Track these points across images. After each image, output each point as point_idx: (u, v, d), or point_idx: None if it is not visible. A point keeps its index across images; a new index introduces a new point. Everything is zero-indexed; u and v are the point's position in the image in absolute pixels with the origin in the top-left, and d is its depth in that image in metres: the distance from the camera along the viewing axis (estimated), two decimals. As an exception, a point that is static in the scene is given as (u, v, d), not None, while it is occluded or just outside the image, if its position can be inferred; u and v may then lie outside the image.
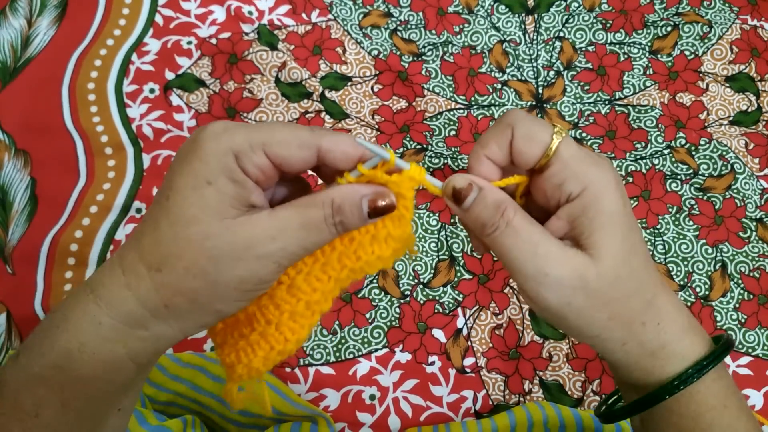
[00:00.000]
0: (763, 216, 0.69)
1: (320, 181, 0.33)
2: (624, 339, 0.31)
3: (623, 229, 0.30)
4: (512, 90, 0.74)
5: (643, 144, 0.72)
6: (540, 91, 0.75)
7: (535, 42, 0.77)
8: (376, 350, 0.63)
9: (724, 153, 0.72)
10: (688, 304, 0.65)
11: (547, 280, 0.29)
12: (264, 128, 0.28)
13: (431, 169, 0.70)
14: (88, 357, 0.28)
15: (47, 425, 0.28)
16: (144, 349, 0.29)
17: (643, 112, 0.74)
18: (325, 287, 0.31)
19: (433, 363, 0.62)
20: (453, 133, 0.72)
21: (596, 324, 0.30)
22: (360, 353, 0.62)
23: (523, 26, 0.78)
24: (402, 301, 0.64)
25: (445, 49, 0.76)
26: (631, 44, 0.77)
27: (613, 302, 0.30)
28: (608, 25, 0.78)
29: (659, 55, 0.76)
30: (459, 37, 0.77)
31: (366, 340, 0.63)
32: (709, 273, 0.67)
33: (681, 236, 0.68)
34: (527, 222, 0.30)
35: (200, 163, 0.27)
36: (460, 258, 0.66)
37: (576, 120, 0.73)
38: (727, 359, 0.63)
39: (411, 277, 0.65)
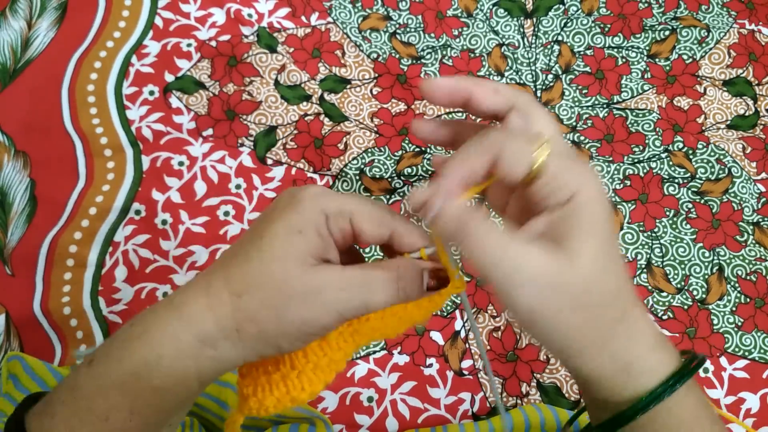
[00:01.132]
0: (760, 219, 0.69)
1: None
2: (596, 350, 0.30)
3: (604, 239, 0.29)
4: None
5: (641, 147, 0.72)
6: (538, 94, 0.75)
7: (533, 46, 0.77)
8: (374, 352, 0.63)
9: (722, 157, 0.72)
10: (685, 307, 0.66)
11: (522, 278, 0.28)
12: (353, 198, 0.32)
13: (429, 172, 0.70)
14: (163, 369, 0.30)
15: (115, 429, 0.30)
16: (210, 369, 0.31)
17: (641, 115, 0.74)
18: (348, 350, 0.34)
19: (430, 365, 0.63)
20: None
21: (569, 330, 0.30)
22: (358, 355, 0.63)
23: (521, 30, 0.78)
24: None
25: (444, 52, 0.76)
26: (630, 48, 0.77)
27: (588, 308, 0.29)
28: (606, 29, 0.78)
29: (657, 59, 0.77)
30: (458, 40, 0.77)
31: (364, 342, 0.63)
32: (706, 276, 0.67)
33: (678, 239, 0.68)
34: (491, 226, 0.29)
35: (296, 215, 0.31)
36: (458, 260, 0.66)
37: (574, 123, 0.74)
38: (724, 363, 0.64)
39: (409, 280, 0.65)
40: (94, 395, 0.30)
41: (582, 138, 0.73)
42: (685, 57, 0.77)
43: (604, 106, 0.75)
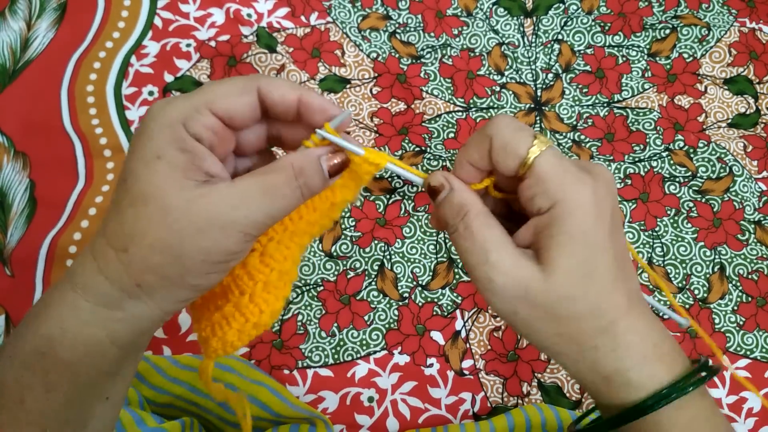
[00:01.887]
0: (762, 218, 0.69)
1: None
2: (575, 358, 0.30)
3: (585, 251, 0.29)
4: (511, 92, 0.75)
5: (642, 146, 0.72)
6: (538, 93, 0.75)
7: (533, 45, 0.77)
8: (375, 352, 0.63)
9: (723, 155, 0.72)
10: (687, 306, 0.65)
11: (493, 286, 0.29)
12: (203, 89, 0.29)
13: (429, 171, 0.70)
14: (69, 341, 0.28)
15: (33, 410, 0.28)
16: (123, 330, 0.29)
17: (641, 114, 0.74)
18: (295, 255, 0.32)
19: (431, 365, 0.62)
20: (452, 135, 0.72)
21: (545, 336, 0.30)
22: (358, 355, 0.62)
23: (521, 29, 0.78)
24: (400, 303, 0.64)
25: (444, 51, 0.76)
26: (630, 47, 0.77)
27: (562, 320, 0.29)
28: (607, 28, 0.78)
29: (658, 58, 0.77)
30: (458, 39, 0.77)
31: (364, 342, 0.63)
32: (708, 275, 0.67)
33: (679, 239, 0.68)
34: (486, 227, 0.30)
35: (148, 140, 0.27)
36: (458, 260, 0.66)
37: (574, 122, 0.73)
38: (726, 362, 0.64)
39: (409, 280, 0.65)
40: (5, 378, 0.28)
41: (582, 137, 0.73)
42: (685, 55, 0.76)
43: (605, 105, 0.75)
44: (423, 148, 0.71)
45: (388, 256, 0.66)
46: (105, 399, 0.31)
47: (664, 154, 0.72)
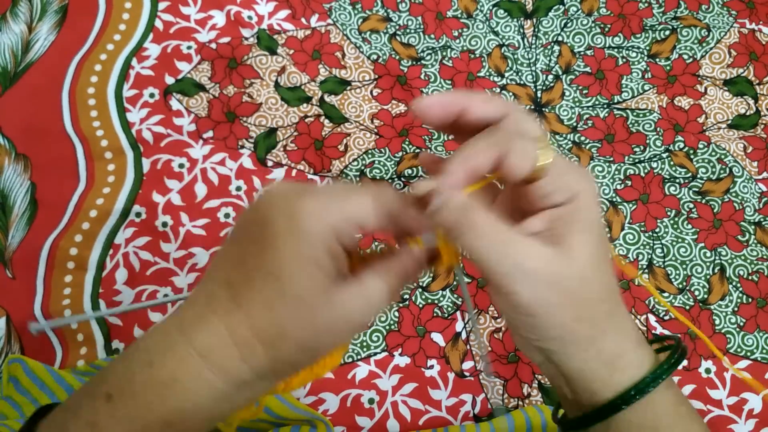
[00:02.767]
0: (762, 219, 0.69)
1: None
2: (585, 343, 0.32)
3: (599, 239, 0.31)
4: (511, 94, 0.75)
5: (642, 147, 0.72)
6: (539, 95, 0.75)
7: (533, 46, 0.77)
8: (375, 354, 0.63)
9: (723, 156, 0.72)
10: (687, 307, 0.65)
11: (522, 273, 0.29)
12: (355, 201, 0.31)
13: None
14: (200, 416, 0.30)
15: None
16: (243, 404, 0.31)
17: (641, 115, 0.74)
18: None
19: (432, 367, 0.62)
20: (452, 136, 0.72)
21: (564, 323, 0.31)
22: (359, 357, 0.62)
23: (521, 30, 0.78)
24: (401, 304, 0.64)
25: (444, 53, 0.76)
26: (630, 48, 0.77)
27: (582, 303, 0.31)
28: (607, 29, 0.78)
29: (658, 59, 0.77)
30: (458, 41, 0.77)
31: (365, 343, 0.63)
32: (708, 276, 0.67)
33: (680, 240, 0.68)
34: (494, 221, 0.30)
35: (307, 246, 0.29)
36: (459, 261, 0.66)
37: (575, 124, 0.74)
38: (726, 363, 0.64)
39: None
40: None
41: (583, 138, 0.73)
42: (685, 57, 0.77)
43: (605, 106, 0.75)
44: (423, 150, 0.71)
45: (388, 258, 0.66)
46: None
47: (664, 156, 0.72)
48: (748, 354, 0.64)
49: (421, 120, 0.34)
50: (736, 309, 0.65)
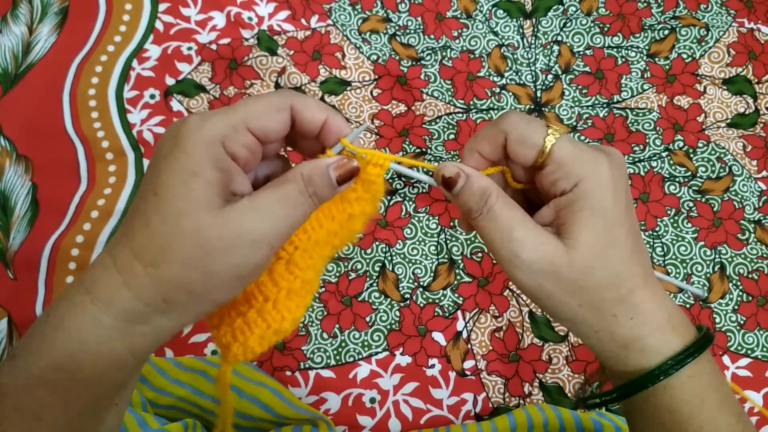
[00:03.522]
0: (762, 218, 0.69)
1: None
2: (596, 327, 0.32)
3: (607, 224, 0.31)
4: (511, 94, 0.75)
5: (642, 147, 0.72)
6: (538, 94, 0.75)
7: (533, 46, 0.78)
8: (377, 353, 0.63)
9: (722, 155, 0.72)
10: (687, 306, 0.66)
11: (519, 262, 0.31)
12: (240, 105, 0.30)
13: (430, 173, 0.70)
14: (89, 356, 0.28)
15: (50, 426, 0.28)
16: (144, 344, 0.29)
17: (641, 115, 0.74)
18: (317, 266, 0.33)
19: (433, 366, 0.63)
20: (452, 136, 0.72)
21: (567, 308, 0.32)
22: (360, 356, 0.63)
23: (521, 30, 0.78)
24: (402, 304, 0.64)
25: (444, 53, 0.76)
26: (629, 48, 0.77)
27: (584, 291, 0.31)
28: (606, 29, 0.78)
29: (657, 59, 0.77)
30: (457, 41, 0.77)
31: (366, 343, 0.63)
32: (708, 275, 0.67)
33: (680, 238, 0.68)
34: (508, 208, 0.31)
35: (185, 156, 0.28)
36: (459, 261, 0.66)
37: (574, 123, 0.74)
38: (727, 361, 0.64)
39: (411, 281, 0.65)
40: (20, 393, 0.28)
41: (582, 138, 0.73)
42: (684, 56, 0.77)
43: (604, 105, 0.75)
44: (423, 150, 0.71)
45: (389, 258, 0.66)
46: (114, 405, 0.31)
47: (663, 155, 0.72)
48: (749, 352, 0.64)
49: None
50: (736, 307, 0.66)
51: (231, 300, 0.32)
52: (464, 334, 0.64)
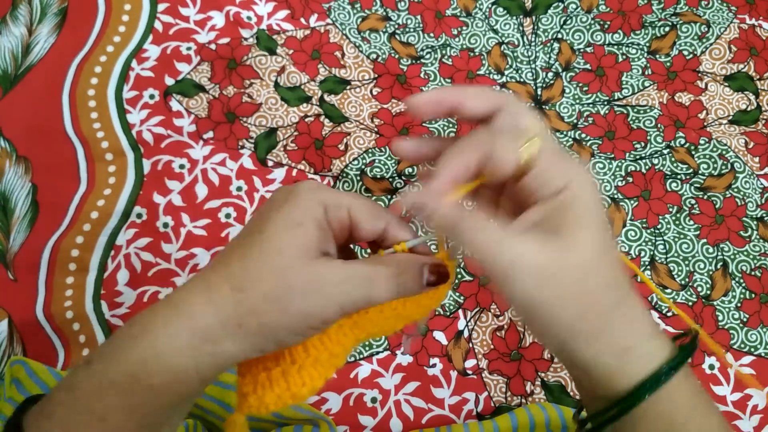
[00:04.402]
0: (764, 215, 0.69)
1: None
2: (593, 336, 0.31)
3: (598, 228, 0.30)
4: (511, 92, 0.75)
5: (643, 144, 0.72)
6: (539, 92, 0.75)
7: (533, 44, 0.77)
8: (378, 353, 0.63)
9: (724, 152, 0.71)
10: (690, 303, 0.65)
11: (517, 271, 0.29)
12: (349, 194, 0.33)
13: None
14: (161, 367, 0.29)
15: (112, 428, 0.30)
16: (210, 364, 0.31)
17: (642, 112, 0.74)
18: (348, 344, 0.34)
19: (434, 365, 0.62)
20: (452, 135, 0.72)
21: (566, 317, 0.30)
22: (361, 356, 0.62)
23: (521, 28, 0.78)
24: (403, 303, 0.64)
25: (444, 51, 0.76)
26: (630, 45, 0.77)
27: (584, 296, 0.30)
28: (606, 26, 0.78)
29: (657, 56, 0.76)
30: (457, 39, 0.77)
31: (367, 342, 0.63)
32: (711, 272, 0.67)
33: (682, 236, 0.68)
34: (486, 224, 0.30)
35: (295, 208, 0.31)
36: (459, 260, 0.66)
37: (575, 121, 0.73)
38: (730, 358, 0.63)
39: (411, 280, 0.65)
40: (91, 395, 0.30)
41: (583, 135, 0.73)
42: (685, 53, 0.76)
43: (605, 103, 0.74)
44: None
45: (389, 257, 0.66)
46: (170, 424, 0.33)
47: (665, 152, 0.72)
48: (752, 350, 0.64)
49: (416, 115, 0.34)
50: (739, 305, 0.65)
51: (263, 356, 0.33)
52: (465, 333, 0.64)
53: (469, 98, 0.33)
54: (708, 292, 0.66)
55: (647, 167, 0.71)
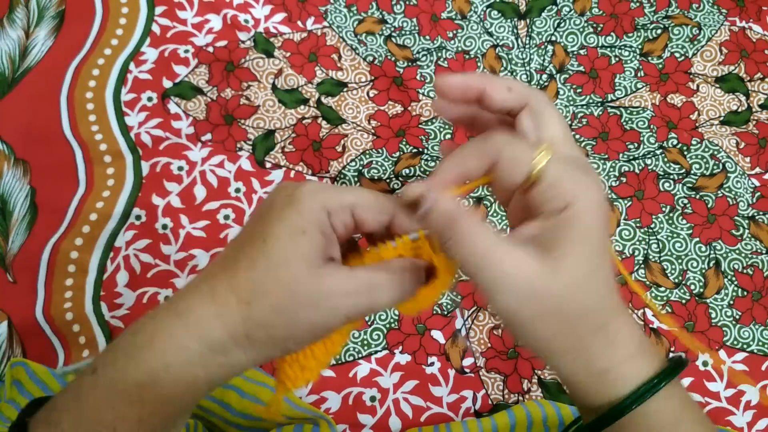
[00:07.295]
0: (755, 214, 0.70)
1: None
2: (571, 356, 0.31)
3: (593, 250, 0.30)
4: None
5: (636, 145, 0.73)
6: (533, 94, 0.76)
7: (527, 46, 0.78)
8: (376, 352, 0.63)
9: (716, 152, 0.73)
10: (683, 301, 0.66)
11: (501, 285, 0.29)
12: (353, 192, 0.33)
13: (427, 173, 0.71)
14: (171, 378, 0.30)
15: None
16: (219, 374, 0.31)
17: (635, 113, 0.75)
18: (345, 339, 0.35)
19: (432, 364, 0.63)
20: (448, 136, 0.73)
21: (544, 335, 0.30)
22: (360, 355, 0.63)
23: (515, 31, 0.79)
24: (401, 303, 0.65)
25: (439, 54, 0.77)
26: (622, 47, 0.78)
27: (564, 317, 0.30)
28: (599, 29, 0.79)
29: (650, 58, 0.78)
30: (453, 42, 0.78)
31: (365, 342, 0.63)
32: (703, 271, 0.68)
33: (675, 235, 0.69)
34: (482, 229, 0.30)
35: (298, 215, 0.31)
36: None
37: (569, 122, 0.74)
38: (723, 355, 0.64)
39: (409, 280, 0.66)
40: (100, 406, 0.30)
41: (577, 137, 0.74)
42: (677, 55, 0.78)
43: (599, 104, 0.76)
44: (420, 150, 0.72)
45: (387, 257, 0.66)
46: (175, 426, 0.33)
47: (658, 152, 0.73)
48: (744, 347, 0.65)
49: (442, 96, 0.34)
50: (731, 302, 0.66)
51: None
52: (463, 332, 0.64)
53: (497, 89, 0.33)
54: (701, 290, 0.67)
55: (640, 168, 0.72)
